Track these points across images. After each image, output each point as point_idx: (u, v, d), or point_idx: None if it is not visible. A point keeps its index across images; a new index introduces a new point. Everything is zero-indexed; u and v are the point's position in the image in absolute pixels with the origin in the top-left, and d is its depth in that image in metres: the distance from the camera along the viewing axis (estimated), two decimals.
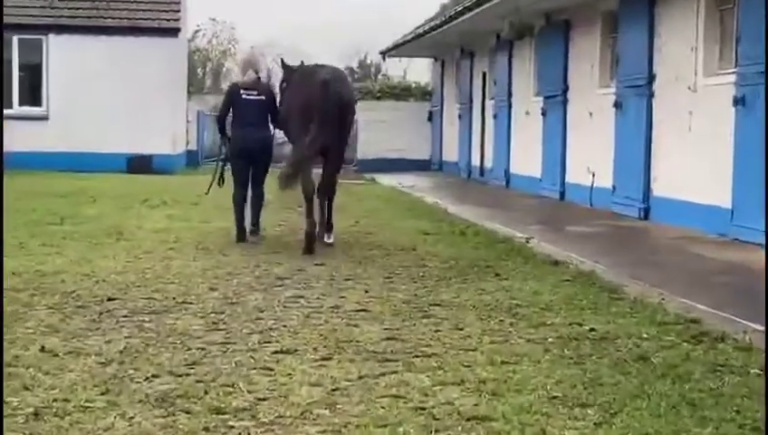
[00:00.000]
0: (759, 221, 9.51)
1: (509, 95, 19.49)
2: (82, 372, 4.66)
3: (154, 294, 6.80)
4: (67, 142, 21.11)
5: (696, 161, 11.45)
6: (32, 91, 21.89)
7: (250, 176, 10.01)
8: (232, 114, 10.18)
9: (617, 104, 13.68)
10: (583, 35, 15.57)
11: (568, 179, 15.98)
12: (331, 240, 9.70)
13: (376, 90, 29.13)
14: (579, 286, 7.27)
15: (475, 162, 22.37)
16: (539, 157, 17.23)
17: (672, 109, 12.13)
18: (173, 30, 22.76)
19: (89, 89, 21.39)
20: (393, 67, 38.32)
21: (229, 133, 10.25)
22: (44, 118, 21.68)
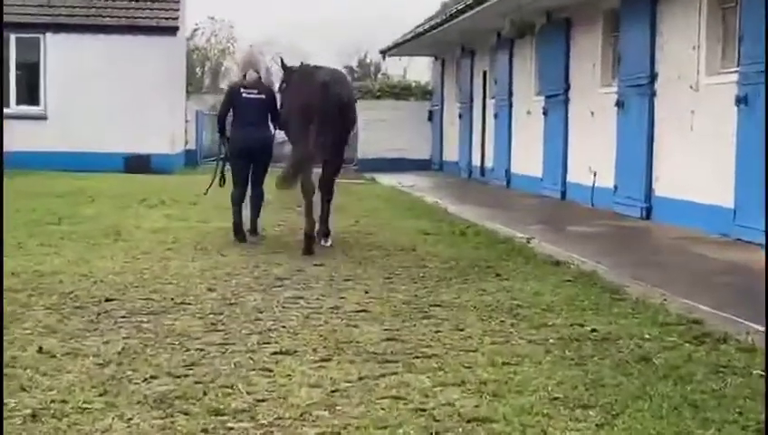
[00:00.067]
0: (761, 221, 9.48)
1: (510, 94, 19.47)
2: (80, 374, 4.64)
3: (152, 294, 6.77)
4: (65, 142, 21.07)
5: (699, 161, 11.42)
6: (29, 90, 21.85)
7: (249, 176, 9.99)
8: (232, 114, 10.16)
9: (618, 103, 13.65)
10: (585, 34, 15.54)
11: (569, 179, 15.96)
12: (329, 243, 9.67)
13: (376, 89, 29.11)
14: (580, 287, 7.25)
15: (476, 162, 22.35)
16: (540, 156, 17.21)
17: (674, 108, 12.10)
18: (171, 29, 22.73)
19: (87, 88, 21.35)
20: (393, 66, 38.41)
21: (229, 133, 10.23)
22: (42, 117, 21.64)
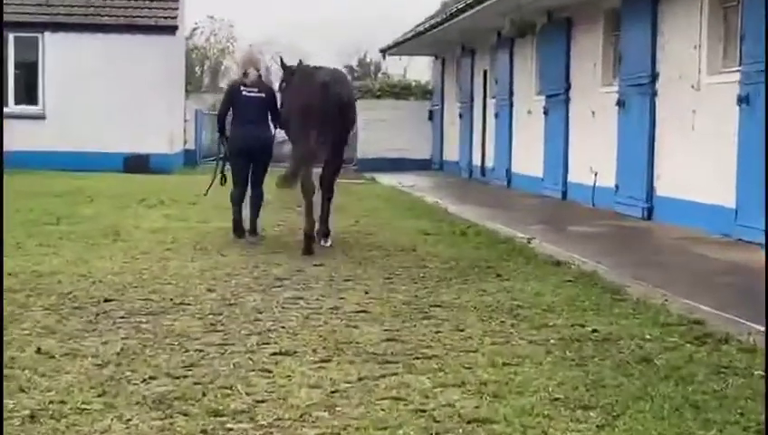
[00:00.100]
0: (763, 221, 9.45)
1: (510, 94, 19.44)
2: (79, 374, 4.63)
3: (151, 295, 6.75)
4: (63, 141, 21.04)
5: (700, 161, 11.39)
6: (27, 89, 21.83)
7: (249, 175, 9.97)
8: (232, 112, 10.14)
9: (619, 103, 13.62)
10: (586, 33, 15.52)
11: (570, 179, 15.94)
12: (329, 243, 9.65)
13: (376, 88, 29.09)
14: (581, 287, 7.23)
15: (476, 162, 22.33)
16: (541, 156, 17.19)
17: (675, 107, 12.08)
18: (170, 28, 22.70)
19: (85, 87, 21.33)
20: (393, 65, 38.38)
21: (228, 132, 10.21)
22: (41, 117, 21.62)
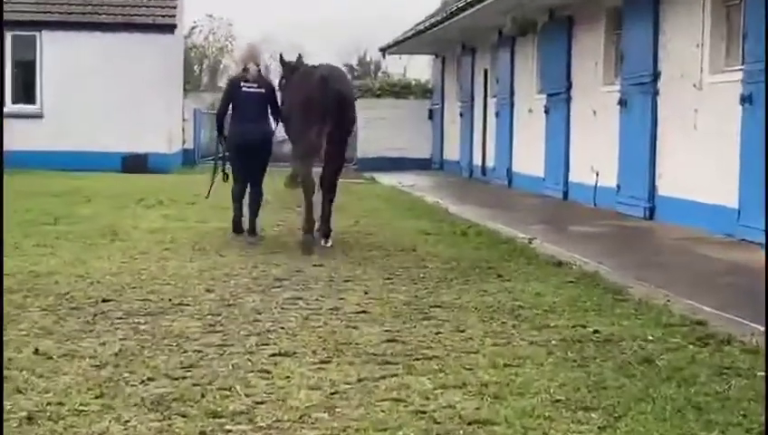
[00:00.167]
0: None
1: (511, 93, 19.43)
2: (77, 375, 4.61)
3: (149, 295, 6.73)
4: (61, 141, 21.04)
5: (702, 160, 11.36)
6: (25, 88, 21.81)
7: (248, 173, 9.93)
8: (231, 109, 10.10)
9: (621, 102, 13.60)
10: (587, 32, 15.49)
11: (571, 179, 15.92)
12: (329, 243, 9.62)
13: (376, 87, 29.10)
14: (582, 288, 7.21)
15: (477, 161, 22.32)
16: (542, 156, 17.17)
17: (677, 106, 12.05)
18: (169, 26, 22.70)
19: (83, 86, 21.32)
20: (393, 64, 38.45)
21: (227, 129, 10.17)
22: (38, 116, 21.60)
